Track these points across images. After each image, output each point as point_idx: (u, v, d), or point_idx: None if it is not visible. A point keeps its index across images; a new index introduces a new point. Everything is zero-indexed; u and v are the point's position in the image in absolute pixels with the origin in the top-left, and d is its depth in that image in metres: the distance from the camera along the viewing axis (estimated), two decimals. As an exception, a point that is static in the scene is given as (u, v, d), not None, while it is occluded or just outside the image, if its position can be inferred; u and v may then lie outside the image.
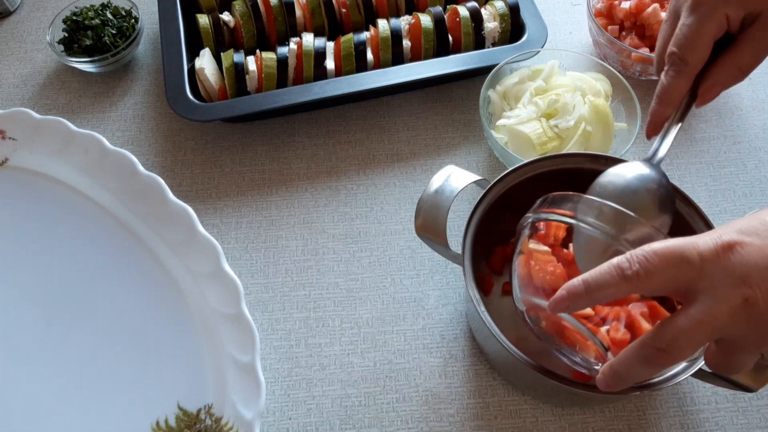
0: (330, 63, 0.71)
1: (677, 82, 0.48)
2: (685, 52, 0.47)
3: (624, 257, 0.36)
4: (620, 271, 0.36)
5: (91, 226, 0.61)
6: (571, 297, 0.38)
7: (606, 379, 0.39)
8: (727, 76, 0.48)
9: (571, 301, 0.38)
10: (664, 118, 0.49)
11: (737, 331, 0.36)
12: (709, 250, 0.35)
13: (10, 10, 0.84)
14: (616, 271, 0.36)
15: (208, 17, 0.74)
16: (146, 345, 0.56)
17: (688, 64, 0.47)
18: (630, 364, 0.38)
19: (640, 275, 0.36)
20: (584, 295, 0.37)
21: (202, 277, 0.57)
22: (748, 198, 0.67)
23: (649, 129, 0.51)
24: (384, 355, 0.58)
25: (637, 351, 0.37)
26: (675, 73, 0.47)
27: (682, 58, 0.47)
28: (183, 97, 0.67)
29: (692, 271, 0.35)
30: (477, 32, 0.73)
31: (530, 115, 0.65)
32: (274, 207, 0.67)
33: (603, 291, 0.37)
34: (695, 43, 0.46)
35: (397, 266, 0.63)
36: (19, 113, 0.63)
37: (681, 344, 0.36)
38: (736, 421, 0.55)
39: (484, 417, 0.55)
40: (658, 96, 0.49)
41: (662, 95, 0.48)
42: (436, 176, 0.53)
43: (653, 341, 0.36)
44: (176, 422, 0.53)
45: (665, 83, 0.48)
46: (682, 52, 0.47)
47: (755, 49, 0.47)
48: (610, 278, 0.36)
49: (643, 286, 0.36)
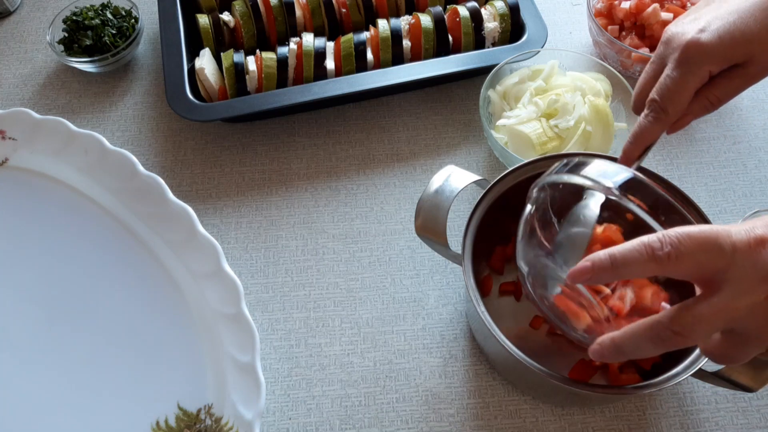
0: (330, 63, 0.71)
1: (654, 127, 0.50)
2: (666, 103, 0.49)
3: (656, 236, 0.36)
4: (650, 250, 0.36)
5: (91, 226, 0.61)
6: (596, 269, 0.37)
7: (603, 350, 0.39)
8: (699, 107, 0.51)
9: (595, 273, 0.37)
10: (635, 156, 0.52)
11: (752, 324, 0.36)
12: (741, 241, 0.35)
13: (10, 10, 0.84)
14: (646, 249, 0.36)
15: (208, 17, 0.74)
16: (146, 345, 0.56)
17: (667, 114, 0.49)
18: (638, 340, 0.38)
19: (671, 257, 0.35)
20: (609, 270, 0.37)
21: (202, 277, 0.57)
22: (748, 198, 0.67)
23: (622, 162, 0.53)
24: (384, 355, 0.58)
25: (649, 329, 0.37)
26: (654, 120, 0.50)
27: (662, 108, 0.49)
28: (183, 97, 0.67)
29: (723, 259, 0.35)
30: (477, 32, 0.73)
31: (530, 115, 0.65)
32: (274, 207, 0.67)
33: (629, 268, 0.36)
34: (676, 96, 0.49)
35: (397, 266, 0.63)
36: (19, 113, 0.63)
37: (697, 330, 0.36)
38: (736, 421, 0.55)
39: (484, 417, 0.55)
40: (635, 136, 0.51)
41: (638, 137, 0.51)
42: (436, 176, 0.53)
43: (670, 323, 0.36)
44: (176, 422, 0.53)
45: (643, 126, 0.51)
46: (664, 103, 0.49)
47: (728, 87, 0.50)
48: (638, 256, 0.36)
49: (670, 268, 0.36)
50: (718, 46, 0.47)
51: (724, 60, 0.48)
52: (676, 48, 0.49)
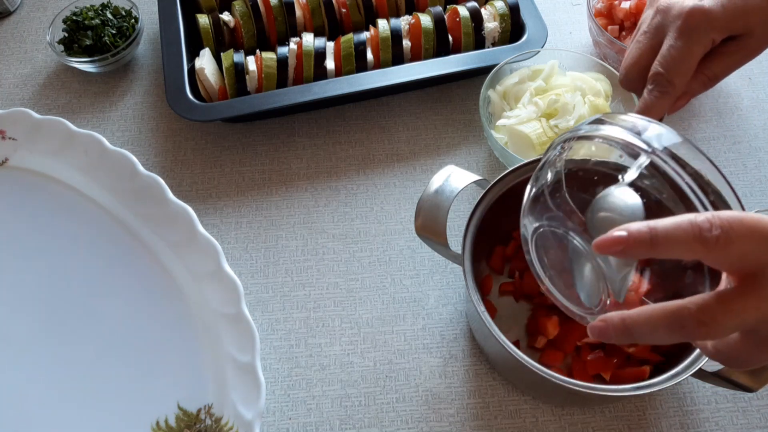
0: (330, 63, 0.71)
1: (661, 102, 0.48)
2: (672, 75, 0.47)
3: (704, 216, 0.32)
4: (698, 230, 0.32)
5: (91, 226, 0.61)
6: (632, 242, 0.33)
7: (608, 328, 0.35)
8: (698, 84, 0.49)
9: (629, 246, 0.33)
10: None
11: None
12: None
13: (10, 10, 0.84)
14: (693, 228, 0.32)
15: (208, 17, 0.74)
16: (146, 345, 0.56)
17: (674, 87, 0.47)
18: (655, 324, 0.34)
19: (719, 241, 0.32)
20: (647, 244, 0.33)
21: (202, 277, 0.57)
22: (748, 198, 0.67)
23: None
24: (384, 355, 0.58)
25: (671, 316, 0.34)
26: (660, 94, 0.48)
27: (669, 80, 0.47)
28: (183, 97, 0.67)
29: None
30: (477, 32, 0.73)
31: (530, 115, 0.65)
32: (274, 207, 0.67)
33: (670, 246, 0.33)
34: (683, 67, 0.47)
35: (397, 266, 0.63)
36: (19, 113, 0.63)
37: (726, 324, 0.33)
38: (736, 421, 0.55)
39: (484, 417, 0.55)
40: (640, 113, 0.48)
41: (644, 113, 0.48)
42: (436, 176, 0.53)
43: (699, 312, 0.33)
44: (176, 422, 0.53)
45: (649, 101, 0.48)
46: (670, 75, 0.47)
47: (727, 62, 0.48)
48: (683, 234, 0.32)
49: (715, 254, 0.32)
50: (721, 14, 0.46)
51: (727, 29, 0.47)
52: (678, 16, 0.47)
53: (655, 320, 0.34)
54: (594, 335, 0.36)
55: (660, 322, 0.34)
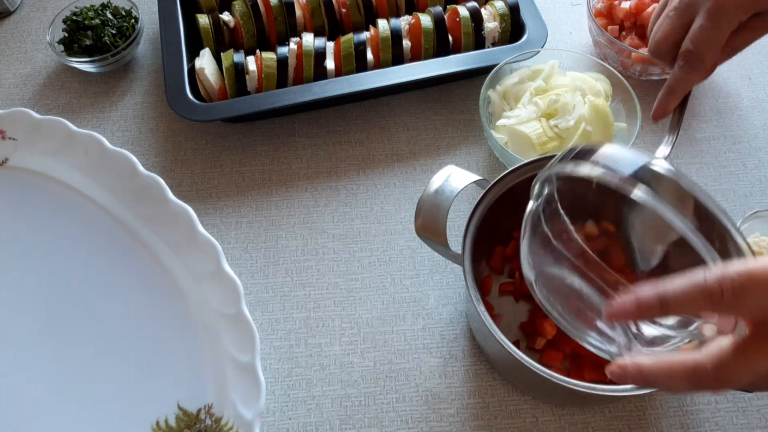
0: (330, 63, 0.71)
1: (692, 77, 0.52)
2: (703, 53, 0.51)
3: (714, 278, 0.32)
4: (708, 294, 0.32)
5: (91, 226, 0.61)
6: (641, 309, 0.34)
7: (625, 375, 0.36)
8: (722, 56, 0.53)
9: (640, 312, 0.34)
10: (671, 108, 0.54)
11: None
12: None
13: (10, 10, 0.84)
14: (704, 293, 0.32)
15: (208, 17, 0.74)
16: (146, 345, 0.56)
17: (705, 63, 0.51)
18: (673, 377, 0.34)
19: (728, 301, 0.31)
20: (656, 310, 0.33)
21: (202, 277, 0.57)
22: (748, 198, 0.67)
23: (658, 113, 0.55)
24: (384, 355, 0.58)
25: (690, 372, 0.34)
26: (691, 69, 0.51)
27: (700, 58, 0.51)
28: (183, 97, 0.67)
29: None
30: (477, 32, 0.73)
31: (530, 115, 0.65)
32: (274, 207, 0.67)
33: (681, 309, 0.33)
34: (713, 45, 0.50)
35: (397, 266, 0.63)
36: (19, 113, 0.62)
37: (742, 379, 0.33)
38: (736, 421, 0.55)
39: (484, 417, 0.55)
40: (670, 87, 0.53)
41: (674, 86, 0.53)
42: (436, 176, 0.53)
43: (716, 370, 0.33)
44: (176, 422, 0.53)
45: (679, 76, 0.52)
46: (702, 53, 0.51)
47: (750, 36, 0.52)
48: (694, 299, 0.32)
49: (726, 310, 0.32)
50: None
51: (754, 8, 0.50)
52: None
53: (673, 375, 0.34)
54: (613, 378, 0.36)
55: (678, 378, 0.34)
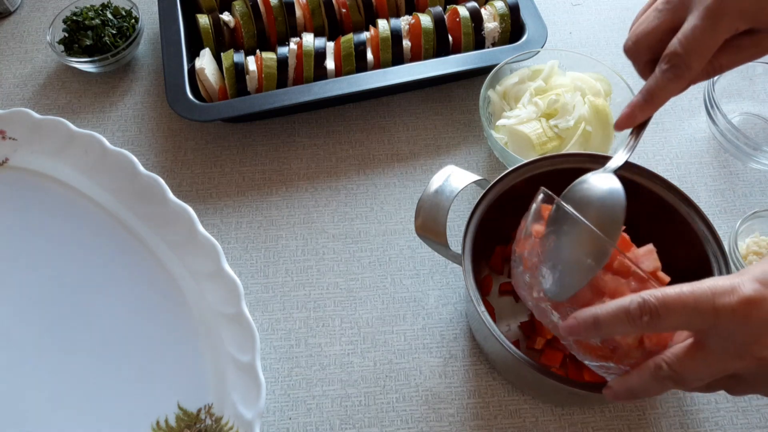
0: (330, 63, 0.71)
1: (674, 85, 0.45)
2: (692, 58, 0.43)
3: (635, 303, 0.37)
4: (630, 318, 0.37)
5: (91, 226, 0.61)
6: (582, 328, 0.40)
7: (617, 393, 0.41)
8: (702, 72, 0.46)
9: (582, 331, 0.40)
10: (644, 117, 0.47)
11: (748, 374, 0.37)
12: (725, 306, 0.35)
13: (10, 10, 0.84)
14: (627, 316, 0.37)
15: (208, 17, 0.74)
16: (146, 345, 0.56)
17: (690, 71, 0.44)
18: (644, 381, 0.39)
19: (649, 324, 0.37)
20: (593, 330, 0.39)
21: (202, 277, 0.57)
22: (747, 198, 0.67)
23: (623, 121, 0.47)
24: (384, 355, 0.58)
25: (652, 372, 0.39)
26: (674, 76, 0.44)
27: (687, 63, 0.44)
28: (183, 97, 0.67)
29: (704, 323, 0.36)
30: (477, 32, 0.73)
31: (530, 115, 0.65)
32: (274, 207, 0.67)
33: (612, 329, 0.39)
34: (704, 51, 0.44)
35: (397, 266, 0.63)
36: (19, 113, 0.63)
37: (690, 379, 0.38)
38: (736, 421, 0.55)
39: (484, 417, 0.55)
40: (649, 93, 0.45)
41: (653, 93, 0.45)
42: (436, 176, 0.53)
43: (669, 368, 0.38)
44: (176, 422, 0.53)
45: (660, 82, 0.45)
46: (690, 58, 0.43)
47: (737, 56, 0.46)
48: (619, 322, 0.38)
49: (651, 330, 0.38)
50: (754, 3, 0.42)
51: (754, 20, 0.43)
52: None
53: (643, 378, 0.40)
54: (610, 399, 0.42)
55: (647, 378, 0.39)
